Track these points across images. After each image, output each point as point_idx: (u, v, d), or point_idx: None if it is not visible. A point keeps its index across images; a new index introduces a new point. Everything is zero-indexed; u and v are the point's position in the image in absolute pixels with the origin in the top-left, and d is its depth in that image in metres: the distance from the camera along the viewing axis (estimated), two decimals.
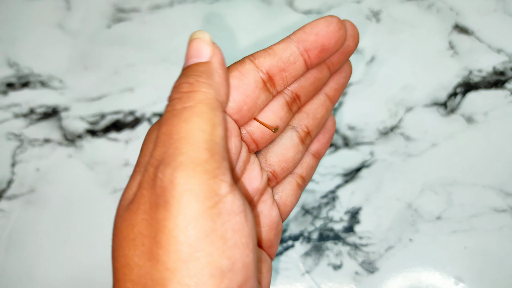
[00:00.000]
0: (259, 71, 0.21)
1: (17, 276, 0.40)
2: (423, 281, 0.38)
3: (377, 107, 0.44)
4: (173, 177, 0.15)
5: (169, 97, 0.18)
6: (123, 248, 0.18)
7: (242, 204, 0.17)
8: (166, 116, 0.17)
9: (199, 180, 0.15)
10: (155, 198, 0.16)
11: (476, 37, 0.46)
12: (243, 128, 0.22)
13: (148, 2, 0.50)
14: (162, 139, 0.16)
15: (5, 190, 0.43)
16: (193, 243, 0.15)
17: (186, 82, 0.18)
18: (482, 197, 0.40)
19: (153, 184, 0.16)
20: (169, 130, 0.16)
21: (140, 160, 0.19)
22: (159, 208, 0.16)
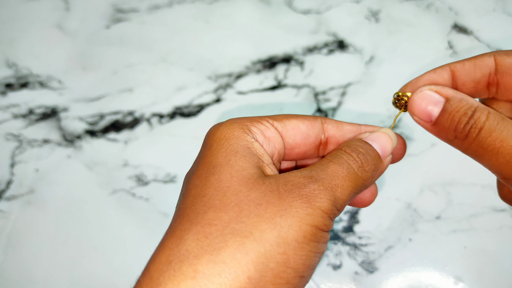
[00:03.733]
0: (322, 133, 0.24)
1: (17, 276, 0.40)
2: (422, 281, 0.38)
3: (376, 107, 0.44)
4: (321, 195, 0.19)
5: (345, 144, 0.22)
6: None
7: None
8: (335, 161, 0.20)
9: (326, 214, 0.19)
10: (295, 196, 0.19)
11: (475, 36, 0.46)
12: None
13: (147, 3, 0.50)
14: (329, 176, 0.20)
15: (4, 191, 0.43)
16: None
17: (364, 155, 0.21)
18: (482, 197, 0.40)
19: (308, 195, 0.19)
20: (338, 183, 0.20)
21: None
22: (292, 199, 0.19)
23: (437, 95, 0.21)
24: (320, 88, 0.45)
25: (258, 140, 0.21)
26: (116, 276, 0.39)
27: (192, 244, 0.17)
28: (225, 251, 0.17)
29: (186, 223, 0.18)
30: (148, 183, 0.42)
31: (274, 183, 0.19)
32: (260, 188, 0.19)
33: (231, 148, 0.20)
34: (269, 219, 0.18)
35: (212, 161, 0.20)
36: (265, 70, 0.46)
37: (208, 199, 0.18)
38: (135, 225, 0.41)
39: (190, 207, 0.18)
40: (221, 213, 0.18)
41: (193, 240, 0.17)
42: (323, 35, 0.47)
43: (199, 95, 0.46)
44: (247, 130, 0.21)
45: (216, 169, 0.19)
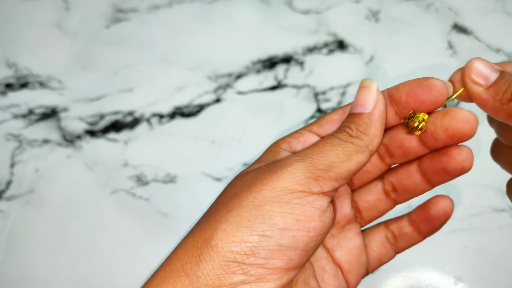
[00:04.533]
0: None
1: (16, 276, 0.40)
2: (422, 281, 0.38)
3: None
4: (291, 161, 0.20)
5: (339, 128, 0.22)
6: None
7: (323, 206, 0.20)
8: (334, 137, 0.22)
9: (305, 173, 0.20)
10: (271, 168, 0.21)
11: (475, 36, 0.46)
12: None
13: (147, 2, 0.50)
14: (314, 148, 0.21)
15: (4, 191, 0.43)
16: (267, 200, 0.19)
17: (349, 127, 0.22)
18: (482, 196, 0.40)
19: (277, 164, 0.21)
20: (322, 150, 0.21)
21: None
22: (268, 171, 0.21)
23: (491, 64, 0.22)
24: (320, 88, 0.45)
25: (292, 147, 0.24)
26: (116, 276, 0.39)
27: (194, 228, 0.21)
28: (197, 227, 0.20)
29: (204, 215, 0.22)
30: (148, 183, 0.42)
31: (260, 168, 0.22)
32: (247, 177, 0.21)
33: (259, 159, 0.23)
34: (238, 192, 0.20)
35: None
36: (265, 70, 0.46)
37: (222, 193, 0.22)
38: (135, 225, 0.41)
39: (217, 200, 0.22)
40: (221, 198, 0.21)
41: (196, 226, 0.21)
42: (323, 35, 0.47)
43: (199, 95, 0.46)
44: (282, 142, 0.24)
45: (240, 173, 0.23)
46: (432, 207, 0.25)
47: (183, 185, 0.42)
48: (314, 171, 0.20)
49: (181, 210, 0.41)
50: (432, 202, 0.25)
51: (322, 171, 0.20)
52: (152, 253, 0.40)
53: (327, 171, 0.20)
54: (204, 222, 0.20)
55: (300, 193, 0.19)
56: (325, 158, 0.20)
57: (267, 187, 0.20)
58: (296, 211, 0.19)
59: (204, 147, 0.43)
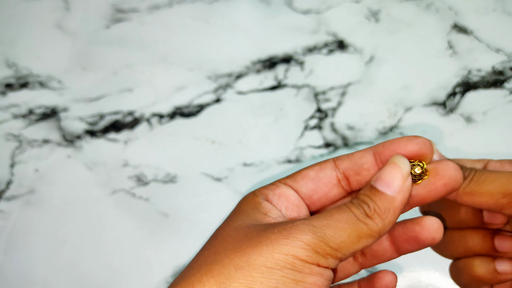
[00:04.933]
0: (336, 170, 0.24)
1: (16, 276, 0.40)
2: (422, 281, 0.38)
3: (376, 107, 0.44)
4: (303, 229, 0.20)
5: (356, 198, 0.22)
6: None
7: (330, 277, 0.21)
8: (351, 212, 0.21)
9: (315, 248, 0.20)
10: (281, 230, 0.21)
11: (475, 36, 0.46)
12: None
13: (147, 2, 0.50)
14: (328, 220, 0.21)
15: (4, 191, 0.43)
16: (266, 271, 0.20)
17: (367, 205, 0.21)
18: None
19: (288, 229, 0.21)
20: (337, 225, 0.21)
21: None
22: (278, 233, 0.20)
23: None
24: (320, 88, 0.45)
25: (269, 199, 0.24)
26: (115, 276, 0.39)
27: (179, 276, 0.21)
28: (195, 275, 0.20)
29: (184, 270, 0.22)
30: (148, 183, 0.42)
31: (266, 226, 0.21)
32: (248, 230, 0.21)
33: (238, 209, 0.24)
34: (242, 249, 0.20)
35: (223, 223, 0.24)
36: (265, 70, 0.46)
37: (204, 246, 0.23)
38: (135, 225, 0.41)
39: (197, 254, 0.23)
40: (206, 252, 0.21)
41: (182, 274, 0.21)
42: (323, 35, 0.47)
43: (199, 95, 0.46)
44: (259, 193, 0.24)
45: (220, 226, 0.23)
46: (376, 281, 0.25)
47: (183, 185, 0.42)
48: (324, 247, 0.20)
49: (181, 210, 0.41)
50: (377, 276, 0.25)
51: (332, 249, 0.20)
52: (152, 253, 0.40)
53: (336, 250, 0.20)
54: (204, 274, 0.20)
55: (311, 265, 0.20)
56: (337, 236, 0.20)
57: (279, 251, 0.19)
58: (308, 279, 0.20)
59: (204, 147, 0.43)
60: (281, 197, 0.24)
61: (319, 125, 0.44)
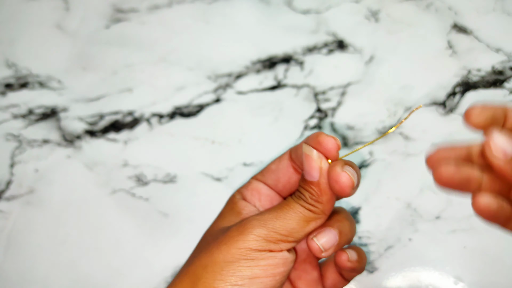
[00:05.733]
0: (290, 161, 0.28)
1: (16, 277, 0.40)
2: (422, 281, 0.38)
3: (376, 107, 0.44)
4: (254, 224, 0.24)
5: (298, 192, 0.26)
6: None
7: (285, 256, 0.25)
8: (296, 203, 0.25)
9: (266, 238, 0.24)
10: (238, 227, 0.25)
11: (475, 36, 0.46)
12: None
13: (146, 3, 0.50)
14: (277, 212, 0.25)
15: (4, 191, 0.43)
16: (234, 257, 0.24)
17: (303, 195, 0.25)
18: None
19: (243, 226, 0.25)
20: (285, 215, 0.25)
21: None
22: (236, 230, 0.25)
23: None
24: (320, 88, 0.45)
25: (244, 196, 0.29)
26: (116, 276, 0.39)
27: (170, 283, 0.26)
28: (177, 279, 0.25)
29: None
30: (148, 183, 0.42)
31: (231, 225, 0.25)
32: (218, 232, 0.26)
33: (220, 213, 0.29)
34: (208, 249, 0.24)
35: (209, 227, 0.29)
36: (264, 70, 0.46)
37: (192, 251, 0.28)
38: (134, 225, 0.41)
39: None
40: (190, 256, 0.26)
41: (174, 278, 0.26)
42: (322, 35, 0.47)
43: (199, 95, 0.46)
44: (237, 193, 0.29)
45: (206, 230, 0.28)
46: (336, 262, 0.28)
47: (183, 185, 0.42)
48: (275, 236, 0.24)
49: (181, 210, 0.41)
50: (334, 257, 0.28)
51: (282, 236, 0.24)
52: (152, 253, 0.40)
53: (287, 236, 0.24)
54: (183, 275, 0.24)
55: (263, 252, 0.24)
56: (287, 225, 0.24)
57: (235, 246, 0.23)
58: (261, 263, 0.23)
59: (204, 147, 0.43)
60: (254, 192, 0.29)
61: (319, 125, 0.44)
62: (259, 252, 0.24)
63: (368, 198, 0.41)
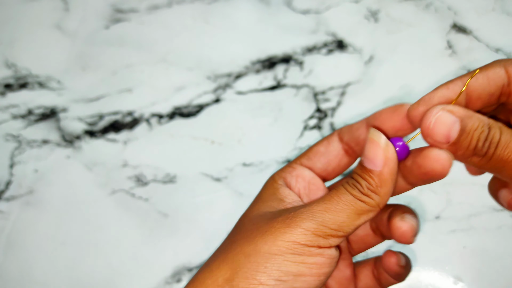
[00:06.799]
0: (341, 142, 0.27)
1: (16, 277, 0.40)
2: (422, 281, 0.38)
3: (375, 107, 0.44)
4: (304, 217, 0.22)
5: (351, 177, 0.23)
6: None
7: (333, 255, 0.23)
8: (347, 192, 0.23)
9: (316, 232, 0.22)
10: (284, 219, 0.23)
11: (474, 36, 0.46)
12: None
13: (146, 3, 0.50)
14: (326, 204, 0.23)
15: (4, 192, 0.43)
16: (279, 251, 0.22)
17: (360, 184, 0.22)
18: (481, 196, 0.40)
19: (290, 218, 0.23)
20: (335, 208, 0.22)
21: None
22: (282, 222, 0.23)
23: (451, 115, 0.21)
24: (319, 88, 0.45)
25: (287, 182, 0.26)
26: (115, 276, 0.39)
27: (207, 262, 0.24)
28: (214, 263, 0.23)
29: (211, 255, 0.25)
30: (148, 183, 0.42)
31: (276, 213, 0.24)
32: (260, 219, 0.24)
33: (259, 196, 0.27)
34: (251, 238, 0.23)
35: (246, 210, 0.26)
36: (264, 70, 0.46)
37: (228, 234, 0.26)
38: (134, 225, 0.41)
39: (223, 241, 0.26)
40: (226, 241, 0.24)
41: (208, 260, 0.24)
42: (322, 35, 0.47)
43: (199, 95, 0.46)
44: (278, 178, 0.27)
45: (243, 214, 0.26)
46: (384, 263, 0.27)
47: (182, 185, 0.42)
48: (325, 230, 0.22)
49: (181, 210, 0.41)
50: (383, 257, 0.27)
51: (332, 230, 0.22)
52: (152, 253, 0.40)
53: (337, 230, 0.22)
54: (221, 261, 0.23)
55: (311, 247, 0.22)
56: (337, 218, 0.22)
57: (281, 238, 0.22)
58: (309, 260, 0.22)
59: (203, 147, 0.43)
60: (299, 178, 0.26)
61: (319, 125, 0.44)
62: (307, 247, 0.22)
63: None
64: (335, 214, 0.22)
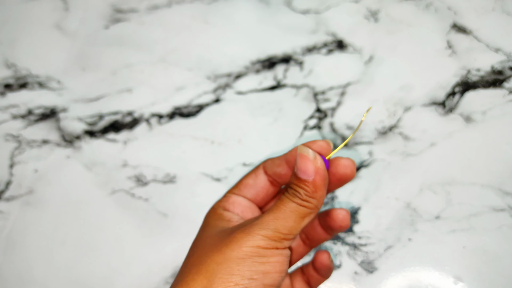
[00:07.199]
0: (266, 175, 0.31)
1: (16, 277, 0.40)
2: (422, 281, 0.38)
3: (375, 107, 0.44)
4: (262, 226, 0.26)
5: (289, 187, 0.27)
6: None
7: (288, 253, 0.27)
8: (290, 201, 0.27)
9: (272, 237, 0.26)
10: (244, 229, 0.27)
11: (474, 36, 0.46)
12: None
13: (146, 3, 0.50)
14: (276, 213, 0.27)
15: (4, 192, 0.43)
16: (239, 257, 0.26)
17: (299, 192, 0.26)
18: (481, 196, 0.40)
19: (248, 228, 0.27)
20: (284, 216, 0.26)
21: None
22: (243, 232, 0.26)
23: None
24: (319, 88, 0.45)
25: (226, 208, 0.30)
26: (115, 276, 0.39)
27: (176, 281, 0.27)
28: (188, 276, 0.25)
29: (178, 275, 0.28)
30: (148, 183, 0.42)
31: (231, 229, 0.27)
32: (219, 235, 0.27)
33: (206, 223, 0.30)
34: (218, 249, 0.26)
35: (197, 235, 0.30)
36: (264, 70, 0.46)
37: (188, 254, 0.29)
38: (134, 225, 0.41)
39: (184, 261, 0.29)
40: (191, 258, 0.27)
41: (177, 278, 0.27)
42: (322, 35, 0.47)
43: (198, 95, 0.46)
44: (217, 207, 0.31)
45: (196, 237, 0.30)
46: (315, 261, 0.32)
47: (182, 185, 0.42)
48: (279, 235, 0.26)
49: (181, 210, 0.41)
50: (315, 256, 0.32)
51: (284, 234, 0.26)
52: (152, 253, 0.40)
53: (288, 234, 0.26)
54: (194, 273, 0.25)
55: (271, 249, 0.26)
56: (286, 224, 0.26)
57: (246, 245, 0.25)
58: (272, 260, 0.26)
59: (203, 147, 0.43)
60: (235, 204, 0.31)
61: (319, 125, 0.44)
62: (268, 250, 0.26)
63: (367, 198, 0.41)
64: (284, 221, 0.26)
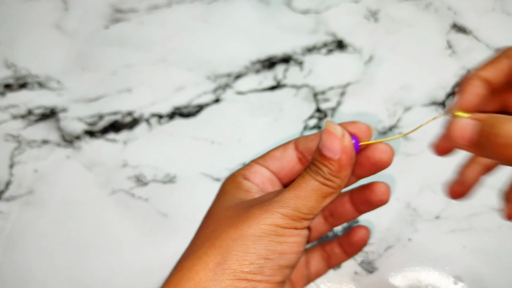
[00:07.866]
0: (296, 150, 0.29)
1: (16, 277, 0.40)
2: (422, 281, 0.38)
3: (375, 107, 0.44)
4: (282, 204, 0.25)
5: (312, 164, 0.25)
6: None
7: (306, 234, 0.26)
8: (313, 179, 0.25)
9: (292, 217, 0.24)
10: (262, 205, 0.25)
11: (474, 36, 0.46)
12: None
13: (146, 3, 0.50)
14: (297, 191, 0.25)
15: (3, 192, 0.43)
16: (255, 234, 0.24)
17: (322, 170, 0.25)
18: (481, 196, 0.40)
19: (266, 205, 0.25)
20: (305, 194, 0.25)
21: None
22: (261, 208, 0.25)
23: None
24: (319, 88, 0.45)
25: (247, 177, 0.29)
26: (115, 276, 0.39)
27: (186, 253, 0.26)
28: (200, 250, 0.24)
29: (189, 247, 0.26)
30: (148, 183, 0.42)
31: (248, 202, 0.26)
32: (236, 209, 0.26)
33: (223, 191, 0.29)
34: (234, 224, 0.24)
35: (213, 204, 0.29)
36: (264, 70, 0.46)
37: (201, 225, 0.27)
38: (134, 225, 0.41)
39: (196, 232, 0.27)
40: (205, 231, 0.26)
41: (188, 251, 0.26)
42: (322, 35, 0.47)
43: (198, 95, 0.46)
44: (238, 174, 0.29)
45: (212, 207, 0.28)
46: (353, 235, 0.31)
47: (182, 185, 0.42)
48: (298, 215, 0.25)
49: (181, 210, 0.41)
50: (354, 230, 0.31)
51: (304, 214, 0.25)
52: (152, 253, 0.40)
53: (308, 214, 0.25)
54: (207, 247, 0.24)
55: (290, 229, 0.24)
56: (307, 203, 0.25)
57: (264, 222, 0.24)
58: (290, 240, 0.24)
59: (203, 147, 0.43)
60: (257, 174, 0.29)
61: (319, 125, 0.44)
62: (287, 229, 0.24)
63: None
64: (305, 199, 0.25)
